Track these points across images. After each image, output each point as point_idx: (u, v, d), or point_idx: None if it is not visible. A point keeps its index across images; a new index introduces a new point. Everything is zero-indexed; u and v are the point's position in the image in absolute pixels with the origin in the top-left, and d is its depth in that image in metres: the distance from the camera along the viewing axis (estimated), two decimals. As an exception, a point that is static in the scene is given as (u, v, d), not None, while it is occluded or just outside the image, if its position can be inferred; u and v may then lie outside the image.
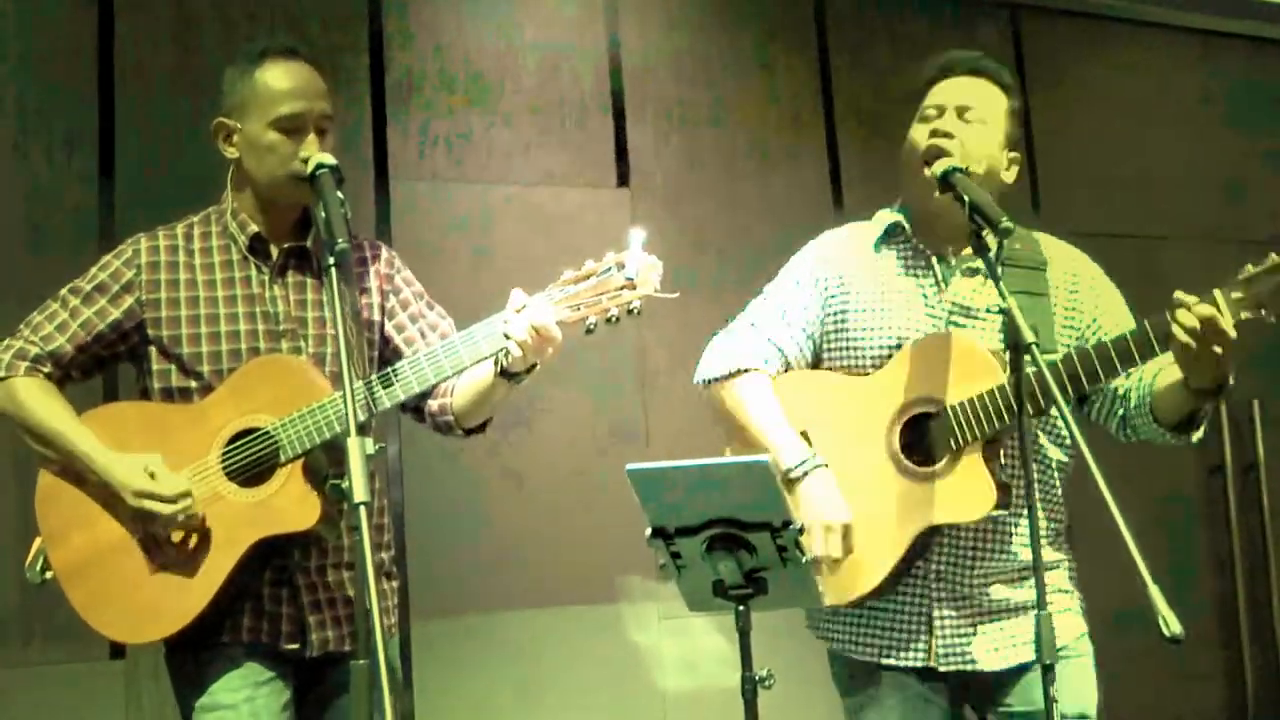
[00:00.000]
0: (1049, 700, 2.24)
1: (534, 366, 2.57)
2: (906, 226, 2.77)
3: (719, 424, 2.86)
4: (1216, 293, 2.38)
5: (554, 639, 4.24)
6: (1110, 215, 5.15)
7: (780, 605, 2.43)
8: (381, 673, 2.00)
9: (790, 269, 2.88)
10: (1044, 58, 5.38)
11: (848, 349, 2.76)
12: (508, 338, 2.47)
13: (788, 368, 2.80)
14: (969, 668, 2.63)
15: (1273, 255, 2.38)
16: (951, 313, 2.69)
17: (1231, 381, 2.51)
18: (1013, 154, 2.76)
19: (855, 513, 2.62)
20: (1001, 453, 2.61)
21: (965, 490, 2.55)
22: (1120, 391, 2.70)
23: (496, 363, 2.57)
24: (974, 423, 2.54)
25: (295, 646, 2.60)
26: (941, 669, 2.65)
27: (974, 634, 2.63)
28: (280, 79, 2.60)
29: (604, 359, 4.37)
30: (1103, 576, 2.68)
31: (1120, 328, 2.59)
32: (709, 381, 2.84)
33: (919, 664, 2.66)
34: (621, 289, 2.46)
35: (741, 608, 2.39)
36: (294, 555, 2.61)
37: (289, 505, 2.51)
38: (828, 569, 2.61)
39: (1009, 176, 2.76)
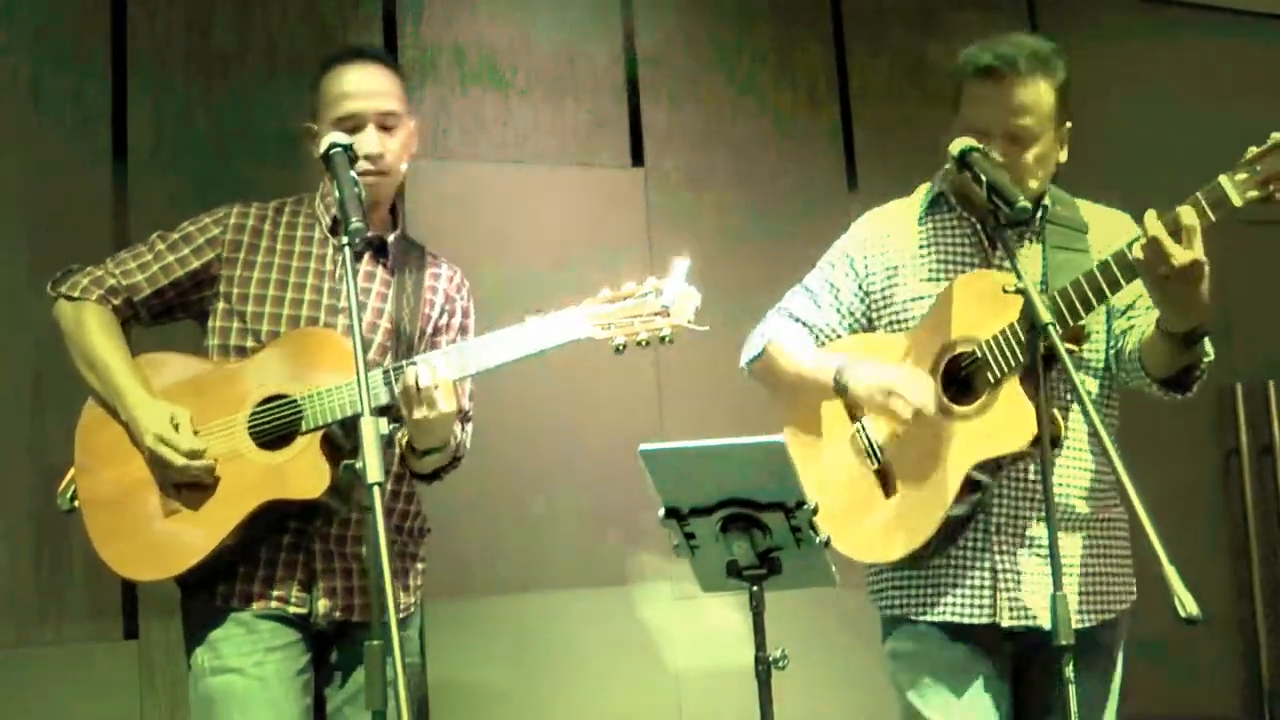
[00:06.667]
0: (1065, 683, 2.22)
1: (441, 452, 2.70)
2: (951, 197, 2.77)
3: (773, 400, 2.89)
4: (1222, 178, 2.34)
5: (568, 620, 4.24)
6: (1130, 198, 5.10)
7: (794, 585, 2.43)
8: (396, 653, 1.99)
9: (830, 250, 2.91)
10: (1060, 38, 5.31)
11: (899, 318, 2.76)
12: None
13: (820, 344, 2.82)
14: (1033, 623, 2.58)
15: (1275, 134, 2.32)
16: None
17: (1204, 330, 2.45)
18: (1064, 129, 2.72)
19: (904, 462, 2.61)
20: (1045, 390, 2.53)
21: (1007, 421, 2.48)
22: (1118, 330, 2.67)
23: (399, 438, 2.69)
24: (1008, 354, 2.51)
25: (302, 611, 2.66)
26: (1005, 624, 2.59)
27: (1037, 590, 2.57)
28: (339, 82, 2.75)
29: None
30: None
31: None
32: (748, 364, 2.90)
33: (985, 621, 2.61)
34: (655, 315, 2.52)
35: (755, 588, 2.39)
36: (315, 522, 2.68)
37: (300, 474, 2.59)
38: (911, 424, 2.56)
39: (1063, 155, 2.74)
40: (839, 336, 2.82)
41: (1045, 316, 2.29)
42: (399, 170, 2.78)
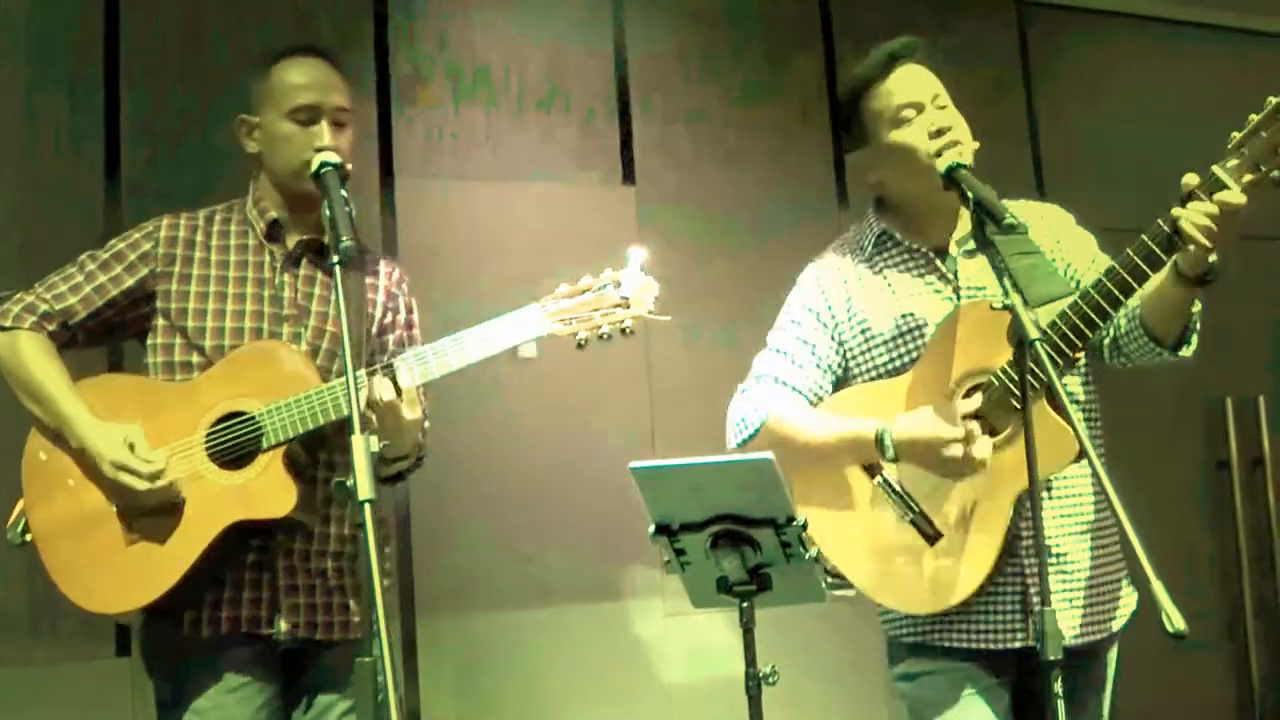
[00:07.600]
0: (1053, 698, 2.22)
1: (409, 459, 2.68)
2: (895, 233, 2.74)
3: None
4: (1215, 168, 2.37)
5: (559, 636, 4.24)
6: (1116, 209, 5.11)
7: (784, 602, 2.43)
8: (387, 669, 1.98)
9: (788, 310, 2.83)
10: (1049, 51, 5.36)
11: (877, 363, 2.72)
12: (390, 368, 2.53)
13: (812, 406, 2.74)
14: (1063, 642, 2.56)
15: (1252, 115, 2.39)
16: (970, 299, 2.66)
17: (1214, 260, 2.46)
18: None
19: (942, 504, 2.58)
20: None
21: (1046, 442, 2.39)
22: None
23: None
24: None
25: (267, 631, 2.61)
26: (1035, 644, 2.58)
27: (1063, 609, 2.55)
28: (294, 73, 2.71)
29: (610, 356, 4.36)
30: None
31: (1102, 264, 2.56)
32: (742, 444, 2.76)
33: (1018, 645, 2.58)
34: (615, 307, 2.51)
35: (745, 604, 2.40)
36: (276, 538, 2.63)
37: (266, 492, 2.54)
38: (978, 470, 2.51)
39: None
40: (826, 394, 2.75)
41: (1033, 332, 2.28)
42: (345, 169, 2.70)
